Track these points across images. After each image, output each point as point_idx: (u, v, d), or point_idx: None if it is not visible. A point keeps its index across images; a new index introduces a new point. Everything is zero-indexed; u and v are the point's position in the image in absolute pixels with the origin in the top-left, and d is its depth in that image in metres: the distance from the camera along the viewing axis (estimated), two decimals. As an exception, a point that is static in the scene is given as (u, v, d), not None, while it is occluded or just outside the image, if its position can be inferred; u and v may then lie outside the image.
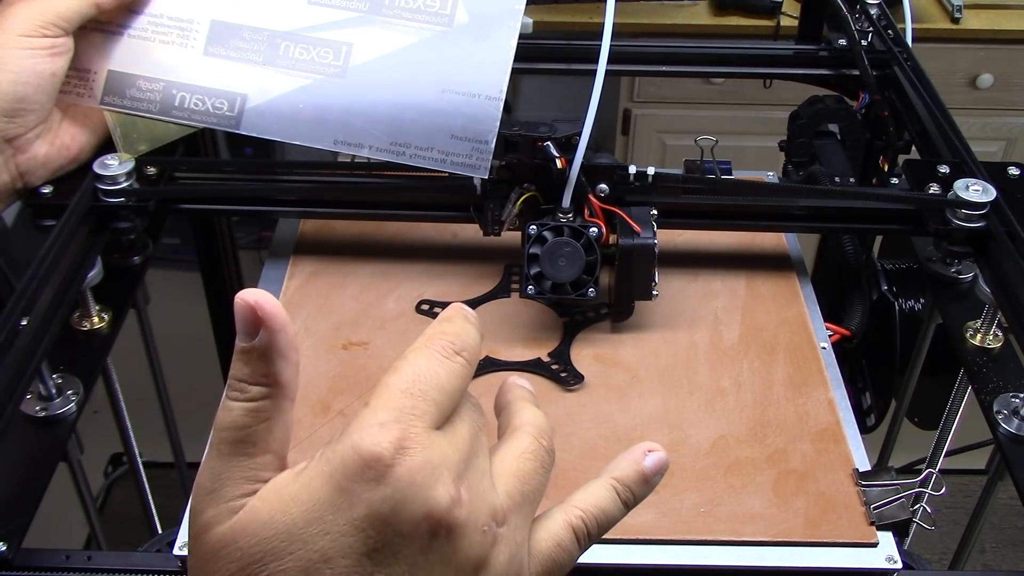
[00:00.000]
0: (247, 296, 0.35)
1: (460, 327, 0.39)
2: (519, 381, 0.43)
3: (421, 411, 0.36)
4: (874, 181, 0.87)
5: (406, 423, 0.35)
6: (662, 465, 0.42)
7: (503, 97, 0.68)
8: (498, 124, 0.68)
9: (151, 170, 0.72)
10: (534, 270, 0.67)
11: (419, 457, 0.35)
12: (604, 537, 0.56)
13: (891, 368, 0.84)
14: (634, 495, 0.41)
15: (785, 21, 1.68)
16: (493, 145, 0.68)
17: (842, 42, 0.86)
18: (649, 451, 0.42)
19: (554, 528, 0.40)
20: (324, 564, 0.33)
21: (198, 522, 0.35)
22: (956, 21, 1.69)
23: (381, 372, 0.66)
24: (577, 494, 0.41)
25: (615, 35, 0.65)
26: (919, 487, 0.59)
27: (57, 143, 0.70)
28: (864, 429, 0.74)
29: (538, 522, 0.40)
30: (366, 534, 0.34)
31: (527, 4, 0.69)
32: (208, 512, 0.35)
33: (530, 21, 0.71)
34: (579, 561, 0.55)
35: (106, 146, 0.72)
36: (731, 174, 0.82)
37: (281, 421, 0.37)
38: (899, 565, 0.55)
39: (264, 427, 0.36)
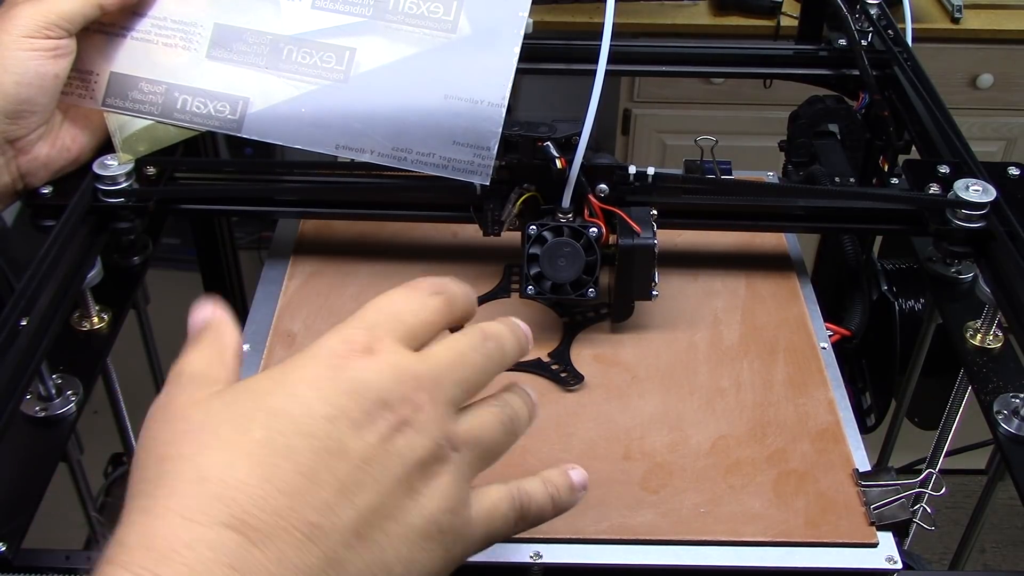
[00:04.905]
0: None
1: (445, 279, 0.43)
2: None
3: (390, 327, 0.40)
4: (874, 181, 0.87)
5: (374, 332, 0.39)
6: (584, 479, 0.46)
7: (506, 103, 0.68)
8: (500, 130, 0.68)
9: (151, 170, 0.72)
10: (534, 270, 0.67)
11: (384, 358, 0.38)
12: (604, 537, 0.56)
13: (891, 368, 0.84)
14: (559, 492, 0.45)
15: (785, 21, 1.68)
16: (495, 151, 0.68)
17: (842, 42, 0.86)
18: (572, 469, 0.46)
19: (492, 489, 0.43)
20: (294, 431, 0.36)
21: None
22: (956, 21, 1.69)
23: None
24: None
25: (615, 35, 0.65)
26: (919, 487, 0.59)
27: (58, 144, 0.70)
28: (864, 429, 0.74)
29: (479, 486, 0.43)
30: (329, 405, 0.37)
31: (527, 4, 0.69)
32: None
33: (530, 21, 0.71)
34: (580, 561, 0.56)
35: (106, 147, 0.72)
36: (731, 174, 0.82)
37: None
38: (899, 565, 0.55)
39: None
